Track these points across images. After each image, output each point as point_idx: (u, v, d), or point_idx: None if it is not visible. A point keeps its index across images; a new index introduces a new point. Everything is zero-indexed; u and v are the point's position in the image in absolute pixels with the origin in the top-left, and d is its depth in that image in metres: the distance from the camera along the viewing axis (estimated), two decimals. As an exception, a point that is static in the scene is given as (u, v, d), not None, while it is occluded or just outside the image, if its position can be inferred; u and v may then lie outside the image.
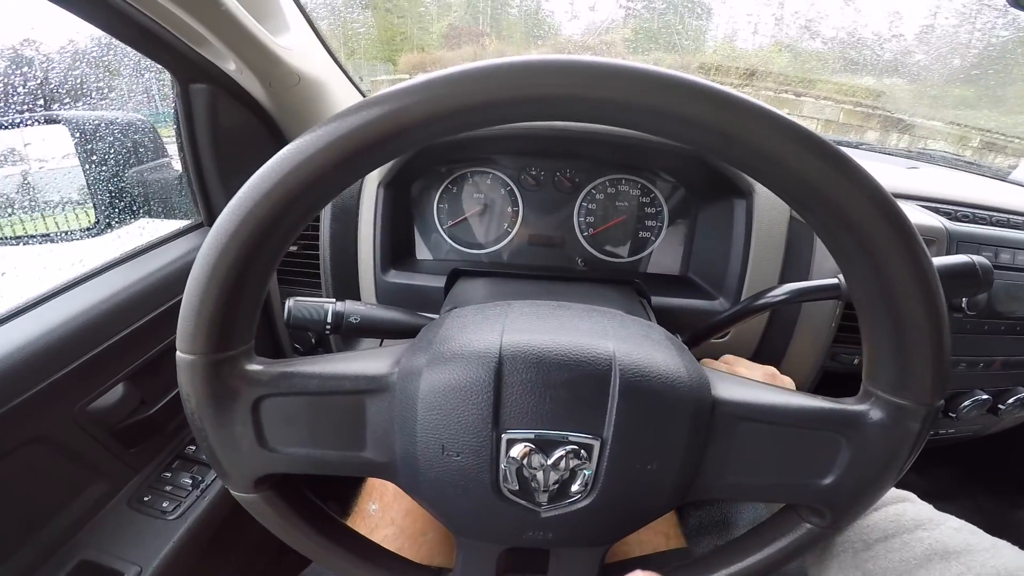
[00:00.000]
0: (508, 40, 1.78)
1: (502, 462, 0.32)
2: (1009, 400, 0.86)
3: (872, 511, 0.40)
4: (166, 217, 0.83)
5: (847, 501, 0.35)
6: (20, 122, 0.67)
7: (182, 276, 0.30)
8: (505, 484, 0.32)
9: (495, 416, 0.31)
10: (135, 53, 0.64)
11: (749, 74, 1.49)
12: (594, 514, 0.33)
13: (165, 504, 0.67)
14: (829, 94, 1.55)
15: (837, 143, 0.27)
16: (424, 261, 0.86)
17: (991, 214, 0.83)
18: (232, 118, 0.76)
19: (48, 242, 0.72)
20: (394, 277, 0.76)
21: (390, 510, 0.61)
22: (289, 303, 0.50)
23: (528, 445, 0.31)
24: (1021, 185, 1.06)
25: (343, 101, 0.88)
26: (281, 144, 0.28)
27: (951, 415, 0.85)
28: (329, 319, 0.50)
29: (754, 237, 0.72)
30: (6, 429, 0.52)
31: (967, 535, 0.37)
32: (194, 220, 0.83)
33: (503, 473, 0.32)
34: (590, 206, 0.84)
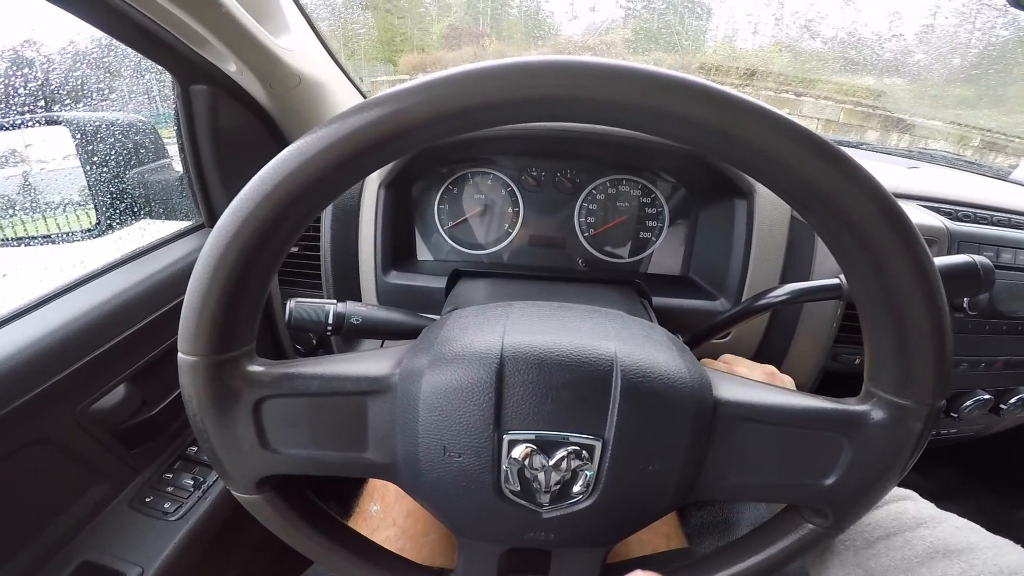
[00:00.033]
0: (508, 41, 1.78)
1: (504, 463, 0.32)
2: (1011, 400, 0.86)
3: (873, 509, 0.40)
4: (167, 218, 0.83)
5: (849, 501, 0.35)
6: (21, 123, 0.67)
7: (183, 277, 0.30)
8: (507, 485, 0.32)
9: (497, 417, 0.31)
10: (136, 54, 0.64)
11: (749, 74, 1.49)
12: (596, 515, 0.33)
13: (167, 505, 0.67)
14: (829, 94, 1.55)
15: (837, 143, 0.27)
16: (425, 262, 0.86)
17: (992, 214, 0.83)
18: (233, 119, 0.76)
19: (49, 243, 0.72)
20: (395, 278, 0.76)
21: (391, 511, 0.61)
22: (290, 304, 0.50)
23: (530, 446, 0.31)
24: (1022, 185, 1.06)
25: (344, 102, 0.88)
26: (282, 145, 0.28)
27: (953, 415, 0.84)
28: (330, 320, 0.50)
29: (755, 237, 0.72)
30: (8, 431, 0.52)
31: (969, 533, 0.37)
32: (195, 221, 0.83)
33: (505, 474, 0.32)
34: (591, 207, 0.84)
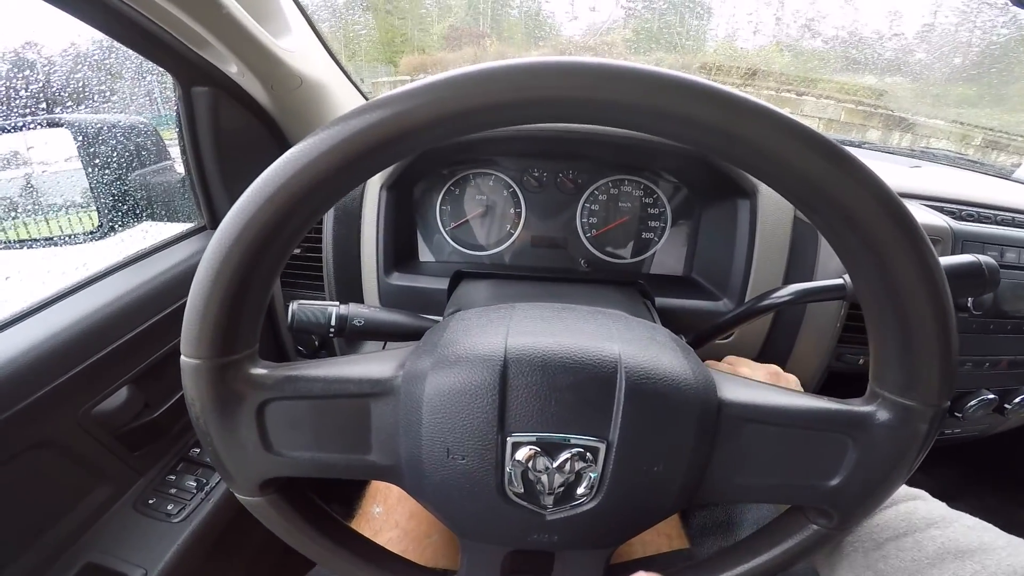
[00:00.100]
0: (509, 41, 1.78)
1: (507, 465, 0.32)
2: (1015, 399, 0.85)
3: (882, 509, 0.40)
4: (169, 220, 0.83)
5: (854, 502, 0.35)
6: (23, 125, 0.67)
7: (186, 279, 0.30)
8: (510, 487, 0.32)
9: (500, 419, 0.31)
10: (137, 56, 0.64)
11: (750, 74, 1.48)
12: (599, 516, 0.33)
13: (170, 507, 0.67)
14: (830, 93, 1.55)
15: (840, 142, 0.27)
16: (427, 263, 0.86)
17: (996, 213, 0.82)
18: (234, 121, 0.76)
19: (52, 246, 0.72)
20: (397, 279, 0.76)
21: (394, 513, 0.61)
22: (293, 306, 0.50)
23: (533, 448, 0.31)
24: (1025, 183, 1.05)
25: (345, 103, 0.88)
26: (283, 147, 0.28)
27: (957, 415, 0.84)
28: (333, 322, 0.49)
29: (758, 237, 0.71)
30: (11, 433, 0.52)
31: (981, 533, 0.37)
32: (197, 223, 0.83)
33: (508, 476, 0.32)
34: (593, 207, 0.84)
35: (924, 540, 0.37)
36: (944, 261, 0.47)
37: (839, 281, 0.53)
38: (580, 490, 0.32)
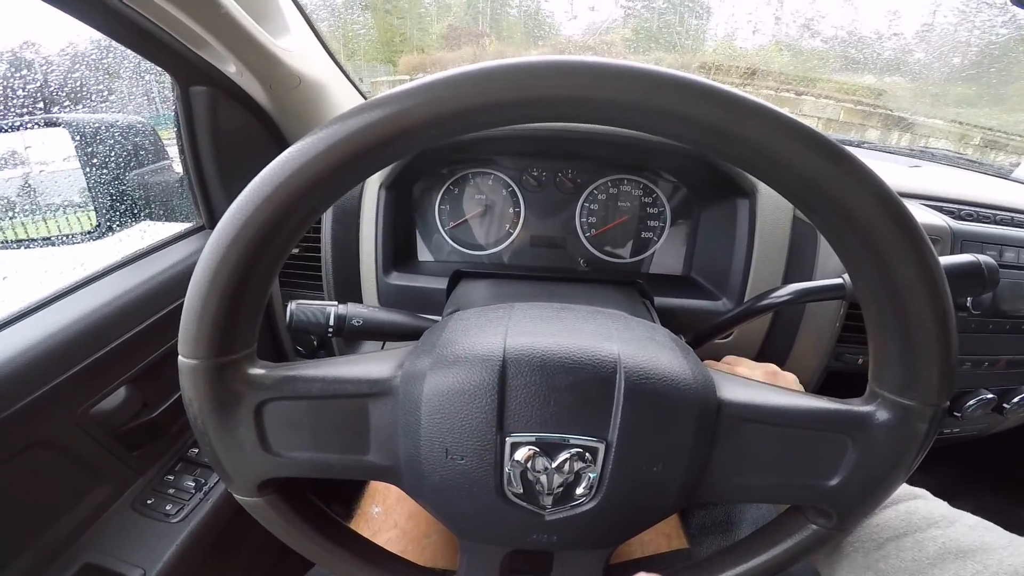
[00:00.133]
0: (508, 41, 1.78)
1: (506, 465, 0.31)
2: (1014, 399, 0.86)
3: (883, 509, 0.39)
4: (167, 220, 0.83)
5: (853, 502, 0.35)
6: (20, 125, 0.66)
7: (184, 279, 0.30)
8: (509, 487, 0.32)
9: (499, 419, 0.31)
10: (135, 55, 0.64)
11: (750, 73, 1.48)
12: (599, 517, 0.33)
13: (168, 507, 0.67)
14: (830, 93, 1.55)
15: (839, 142, 0.27)
16: (426, 263, 0.86)
17: (995, 212, 0.82)
18: (233, 120, 0.76)
19: (49, 245, 0.72)
20: (396, 279, 0.76)
21: (393, 513, 0.61)
22: (291, 306, 0.50)
23: (532, 448, 0.31)
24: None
25: (344, 103, 0.87)
26: (282, 146, 0.27)
27: (956, 414, 0.84)
28: (331, 322, 0.49)
29: (757, 237, 0.71)
30: (9, 433, 0.52)
31: (983, 532, 0.37)
32: (195, 223, 0.83)
33: (507, 476, 0.32)
34: (592, 207, 0.84)
35: (925, 540, 0.37)
36: (943, 261, 0.47)
37: (838, 281, 0.53)
38: (579, 490, 0.32)
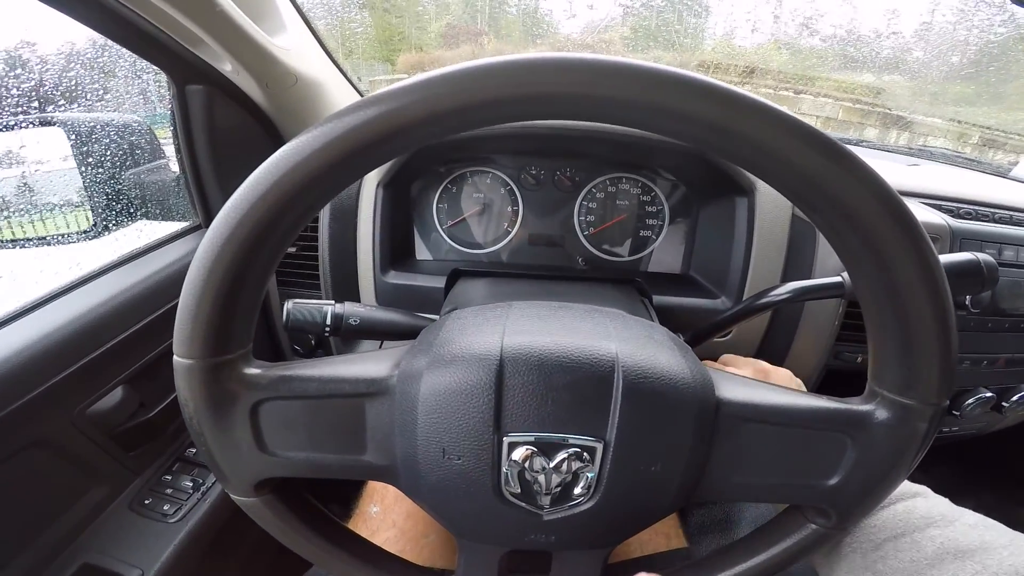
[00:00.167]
0: (506, 39, 1.78)
1: (504, 465, 0.31)
2: (1013, 398, 0.85)
3: (880, 508, 0.39)
4: (164, 219, 0.83)
5: (853, 502, 0.34)
6: (15, 124, 0.66)
7: (180, 279, 0.29)
8: (507, 487, 0.32)
9: (496, 419, 0.31)
10: (131, 54, 0.64)
11: (748, 72, 1.48)
12: (597, 517, 0.33)
13: (166, 507, 0.67)
14: (828, 91, 1.55)
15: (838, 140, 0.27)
16: (424, 261, 0.85)
17: (994, 211, 0.82)
18: (229, 119, 0.76)
19: (44, 245, 0.71)
20: (394, 278, 0.76)
21: (391, 512, 0.61)
22: (288, 305, 0.49)
23: (530, 448, 0.31)
24: (1023, 182, 1.05)
25: (341, 101, 0.87)
26: (279, 145, 0.27)
27: (955, 413, 0.84)
28: (328, 321, 0.49)
29: (756, 235, 0.71)
30: (6, 433, 0.52)
31: (983, 532, 0.36)
32: (192, 222, 0.83)
33: (505, 476, 0.32)
34: (590, 205, 0.83)
35: (923, 540, 0.36)
36: (943, 259, 0.47)
37: (837, 279, 0.53)
38: (577, 490, 0.32)
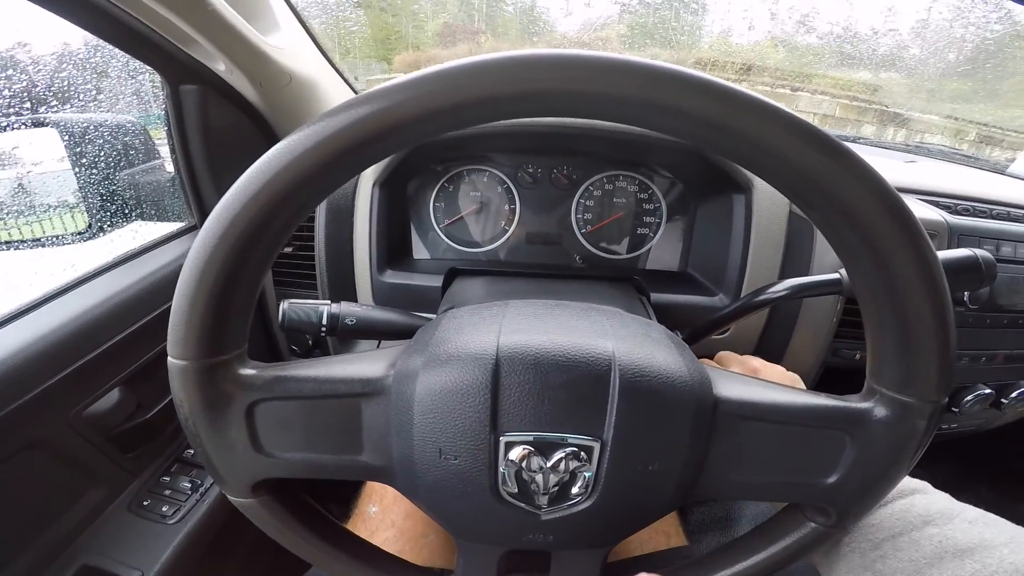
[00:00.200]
0: (503, 37, 1.78)
1: (501, 465, 0.31)
2: (1012, 394, 0.85)
3: (878, 507, 0.39)
4: (159, 220, 0.83)
5: (852, 500, 0.34)
6: (7, 126, 0.66)
7: (176, 279, 0.29)
8: (504, 487, 0.32)
9: (493, 419, 0.31)
10: (124, 54, 0.63)
11: (745, 69, 1.48)
12: (595, 516, 0.33)
13: (165, 508, 0.67)
14: (825, 88, 1.55)
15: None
16: (421, 260, 0.85)
17: (991, 207, 0.82)
18: (224, 119, 0.76)
19: (39, 247, 0.71)
20: (391, 277, 0.76)
21: (390, 512, 0.61)
22: (283, 305, 0.49)
23: (527, 448, 0.31)
24: (1020, 178, 1.05)
25: (336, 100, 0.87)
26: (274, 144, 0.27)
27: (954, 410, 0.84)
28: (324, 321, 0.49)
29: (754, 232, 0.71)
30: (2, 434, 0.52)
31: (983, 528, 0.36)
32: (188, 222, 0.83)
33: (502, 476, 0.31)
34: (588, 203, 0.83)
35: (921, 539, 0.36)
36: (941, 255, 0.47)
37: (835, 276, 0.53)
38: (575, 490, 0.32)
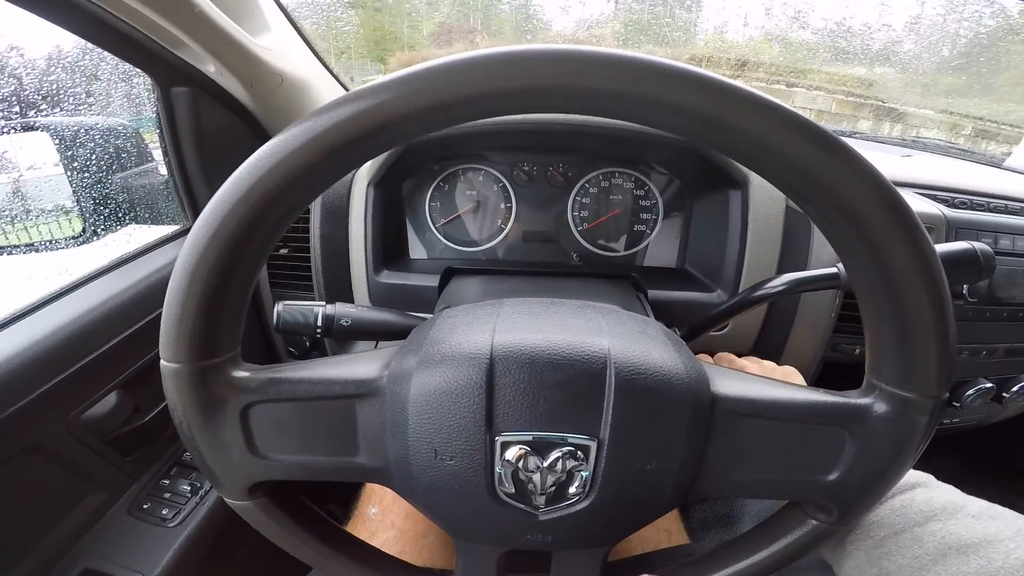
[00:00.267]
0: (499, 36, 1.77)
1: (497, 465, 0.31)
2: (1013, 388, 0.85)
3: (881, 503, 0.39)
4: (153, 223, 0.82)
5: (853, 497, 0.34)
6: (-1, 130, 0.66)
7: None
8: (501, 487, 0.31)
9: (488, 419, 0.30)
10: (114, 57, 0.63)
11: (740, 65, 1.48)
12: (593, 515, 0.32)
13: (165, 511, 0.67)
14: (821, 84, 1.55)
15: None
16: (418, 260, 0.85)
17: (989, 200, 0.82)
18: (215, 120, 0.75)
19: (32, 252, 0.71)
20: (387, 277, 0.75)
21: (390, 513, 0.61)
22: (278, 307, 0.49)
23: (523, 447, 0.30)
24: (1017, 172, 1.05)
25: (328, 100, 0.86)
26: None
27: (955, 404, 0.84)
28: (319, 322, 0.49)
29: (751, 227, 0.71)
30: (0, 439, 0.51)
31: (987, 523, 0.35)
32: (182, 225, 0.82)
33: (498, 476, 0.31)
34: (584, 200, 0.83)
35: (923, 535, 0.36)
36: (939, 248, 0.47)
37: (833, 270, 0.53)
38: (572, 489, 0.32)
